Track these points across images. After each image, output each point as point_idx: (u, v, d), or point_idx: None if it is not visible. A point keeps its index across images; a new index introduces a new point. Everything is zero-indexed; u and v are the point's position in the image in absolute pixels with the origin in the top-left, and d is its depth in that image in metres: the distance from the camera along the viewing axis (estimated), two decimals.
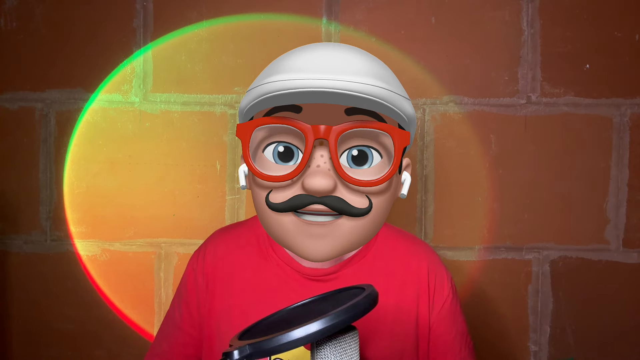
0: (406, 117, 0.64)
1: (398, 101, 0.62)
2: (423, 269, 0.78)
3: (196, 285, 0.78)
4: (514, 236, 1.16)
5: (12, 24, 1.18)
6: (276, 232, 0.65)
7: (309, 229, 0.62)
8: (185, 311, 0.79)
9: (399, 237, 0.81)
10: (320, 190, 0.59)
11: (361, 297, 0.48)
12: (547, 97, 1.14)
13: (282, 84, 0.59)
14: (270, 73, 0.63)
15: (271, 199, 0.63)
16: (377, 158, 0.63)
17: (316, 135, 0.58)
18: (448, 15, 1.15)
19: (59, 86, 1.18)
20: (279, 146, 0.63)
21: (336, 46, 0.66)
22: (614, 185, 1.14)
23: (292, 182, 0.62)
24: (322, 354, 0.48)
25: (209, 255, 0.79)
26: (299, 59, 0.62)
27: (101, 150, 1.19)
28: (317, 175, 0.59)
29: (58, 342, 1.20)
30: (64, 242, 1.19)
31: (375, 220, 0.65)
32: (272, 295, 0.73)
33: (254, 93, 0.63)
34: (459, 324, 0.79)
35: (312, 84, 0.57)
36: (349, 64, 0.60)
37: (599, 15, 1.13)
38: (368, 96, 0.57)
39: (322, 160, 0.61)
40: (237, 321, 0.73)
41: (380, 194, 0.64)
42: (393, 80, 0.65)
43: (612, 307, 1.15)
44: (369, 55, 0.66)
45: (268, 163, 0.64)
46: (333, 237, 0.63)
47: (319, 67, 0.60)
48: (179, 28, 1.17)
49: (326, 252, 0.63)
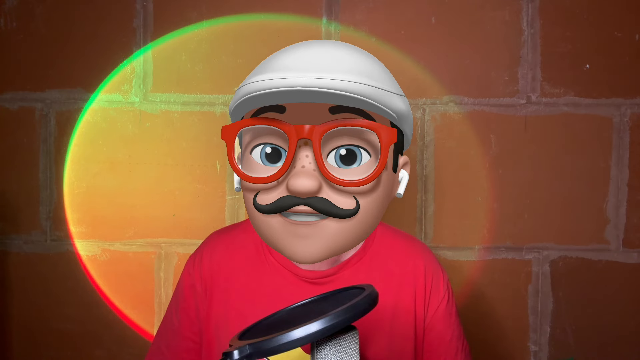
0: (395, 113, 0.62)
1: (384, 98, 0.60)
2: (420, 269, 0.77)
3: (194, 291, 0.77)
4: (514, 236, 1.16)
5: (12, 24, 1.18)
6: (265, 233, 0.64)
7: (296, 230, 0.61)
8: (184, 317, 0.78)
9: (396, 237, 0.80)
10: (303, 192, 0.58)
11: (361, 297, 0.48)
12: (547, 97, 1.14)
13: (262, 84, 0.57)
14: (256, 72, 0.62)
15: (258, 201, 0.62)
16: (365, 157, 0.61)
17: (299, 135, 0.57)
18: (448, 15, 1.15)
19: (59, 86, 1.18)
20: (266, 147, 0.62)
21: (327, 44, 0.64)
22: (614, 185, 1.14)
23: (277, 183, 0.61)
24: (322, 354, 0.48)
25: (205, 259, 0.78)
26: (286, 58, 0.61)
27: (101, 150, 1.19)
28: (301, 177, 0.58)
29: (58, 342, 1.20)
30: (64, 242, 1.19)
31: (364, 221, 0.63)
32: (269, 299, 0.73)
33: (239, 93, 0.62)
34: (454, 327, 0.78)
35: (292, 83, 0.56)
36: (335, 62, 0.59)
37: (599, 15, 1.13)
38: (350, 94, 0.56)
39: (307, 161, 0.59)
40: (235, 325, 0.72)
41: (368, 194, 0.62)
42: (383, 76, 0.63)
43: (612, 307, 1.15)
44: (361, 52, 0.65)
45: (256, 165, 0.63)
46: (319, 237, 0.61)
47: (302, 66, 0.58)
48: (179, 28, 1.17)
49: (313, 253, 0.62)
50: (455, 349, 0.78)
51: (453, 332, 0.78)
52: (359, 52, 0.65)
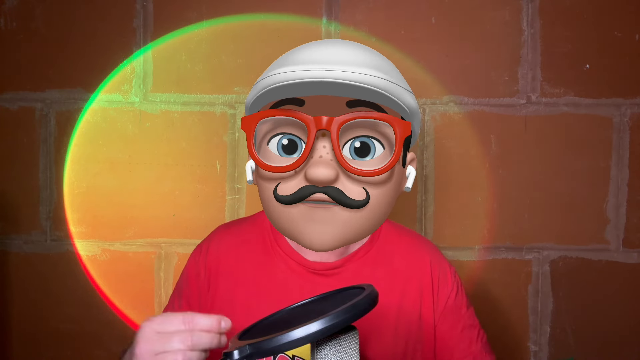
0: (408, 108, 0.65)
1: (399, 92, 0.63)
2: (426, 264, 0.78)
3: (198, 279, 0.78)
4: (514, 236, 1.16)
5: (12, 24, 1.18)
6: (283, 224, 0.66)
7: (313, 214, 0.63)
8: (186, 304, 0.78)
9: (402, 233, 0.82)
10: (322, 180, 0.60)
11: (361, 297, 0.48)
12: (547, 97, 1.14)
13: (283, 76, 0.60)
14: (274, 67, 0.65)
15: (279, 192, 0.64)
16: (379, 149, 0.64)
17: (318, 126, 0.60)
18: (448, 15, 1.15)
19: (59, 86, 1.18)
20: (283, 139, 0.65)
21: (340, 41, 0.68)
22: (614, 185, 1.14)
23: (295, 173, 0.63)
24: (322, 354, 0.48)
25: (212, 249, 0.79)
26: (303, 52, 0.64)
27: (101, 150, 1.19)
28: (320, 166, 0.60)
29: (58, 342, 1.20)
30: (64, 242, 1.19)
31: (374, 212, 0.65)
32: (276, 290, 0.74)
33: (258, 86, 0.65)
34: (466, 318, 0.78)
35: (312, 75, 0.59)
36: (351, 56, 0.62)
37: (599, 15, 1.13)
38: (368, 86, 0.59)
39: (325, 151, 0.62)
40: (240, 315, 0.72)
41: (379, 186, 0.64)
42: (395, 72, 0.67)
43: (612, 307, 1.15)
44: (371, 49, 0.68)
45: (272, 155, 0.65)
46: (333, 224, 0.63)
47: (321, 59, 0.61)
48: (179, 28, 1.17)
49: (329, 240, 0.64)
50: (469, 339, 0.77)
51: (465, 322, 0.78)
52: (370, 49, 0.68)
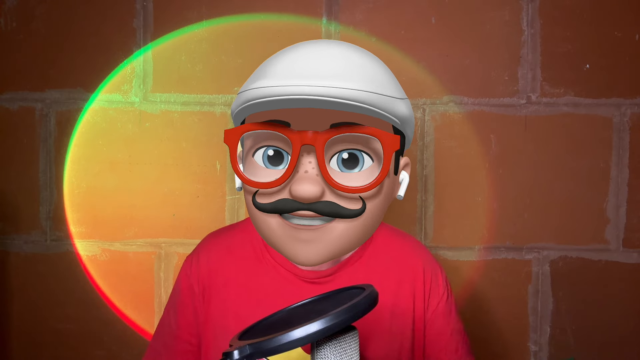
0: (398, 118, 0.62)
1: (387, 104, 0.60)
2: (419, 267, 0.77)
3: (192, 293, 0.76)
4: (514, 236, 1.16)
5: (12, 24, 1.18)
6: (264, 232, 0.65)
7: (297, 234, 0.62)
8: (182, 319, 0.77)
9: (393, 236, 0.81)
10: (306, 197, 0.58)
11: (361, 297, 0.48)
12: (547, 97, 1.14)
13: (263, 91, 0.57)
14: (256, 77, 0.62)
15: (257, 199, 0.63)
16: (368, 161, 0.62)
17: (303, 141, 0.58)
18: (448, 15, 1.15)
19: (59, 86, 1.18)
20: (269, 150, 0.63)
21: (328, 45, 0.64)
22: (614, 185, 1.14)
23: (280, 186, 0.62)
24: (322, 354, 0.48)
25: (203, 260, 0.77)
26: (287, 61, 0.60)
27: (101, 150, 1.19)
28: (304, 182, 0.58)
29: (58, 342, 1.20)
30: (64, 242, 1.19)
31: (368, 222, 0.64)
32: (268, 299, 0.73)
33: (241, 98, 0.62)
34: (454, 323, 0.79)
35: (294, 91, 0.55)
36: (338, 66, 0.58)
37: (599, 15, 1.13)
38: (354, 102, 0.55)
39: (311, 166, 0.60)
40: (233, 325, 0.72)
41: (372, 197, 0.63)
42: (387, 80, 0.63)
43: (612, 307, 1.15)
44: (363, 53, 0.64)
45: (258, 167, 0.63)
46: (323, 241, 0.62)
47: (303, 73, 0.58)
48: (179, 28, 1.17)
49: (316, 256, 0.63)
50: (456, 343, 0.78)
51: (453, 327, 0.78)
52: (361, 53, 0.64)
